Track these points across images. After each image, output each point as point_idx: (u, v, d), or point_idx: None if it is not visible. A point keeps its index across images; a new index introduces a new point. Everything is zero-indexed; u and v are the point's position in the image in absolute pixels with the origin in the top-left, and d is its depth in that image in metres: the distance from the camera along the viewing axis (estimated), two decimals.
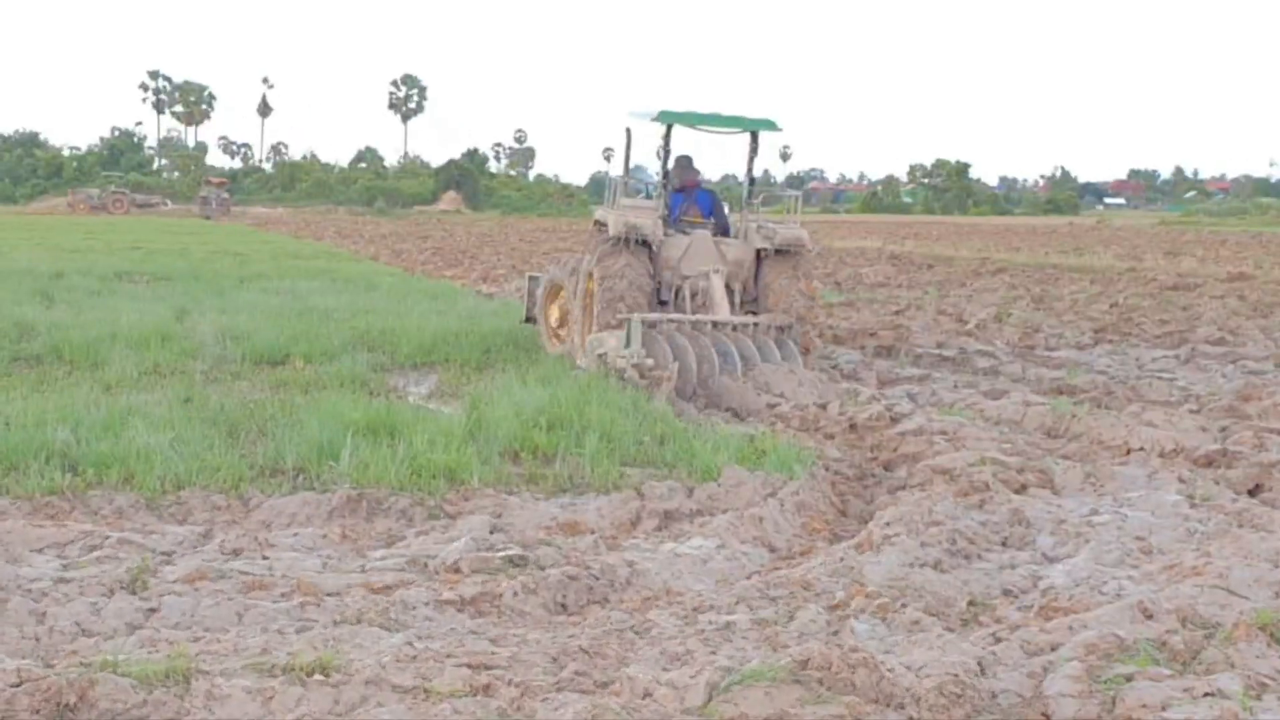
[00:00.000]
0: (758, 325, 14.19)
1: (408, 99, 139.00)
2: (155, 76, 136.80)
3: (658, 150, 15.40)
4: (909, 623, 6.25)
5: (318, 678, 5.19)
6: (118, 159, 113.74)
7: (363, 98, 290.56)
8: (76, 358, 14.07)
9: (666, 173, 15.55)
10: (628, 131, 15.52)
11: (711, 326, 13.87)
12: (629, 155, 15.75)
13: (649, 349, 12.92)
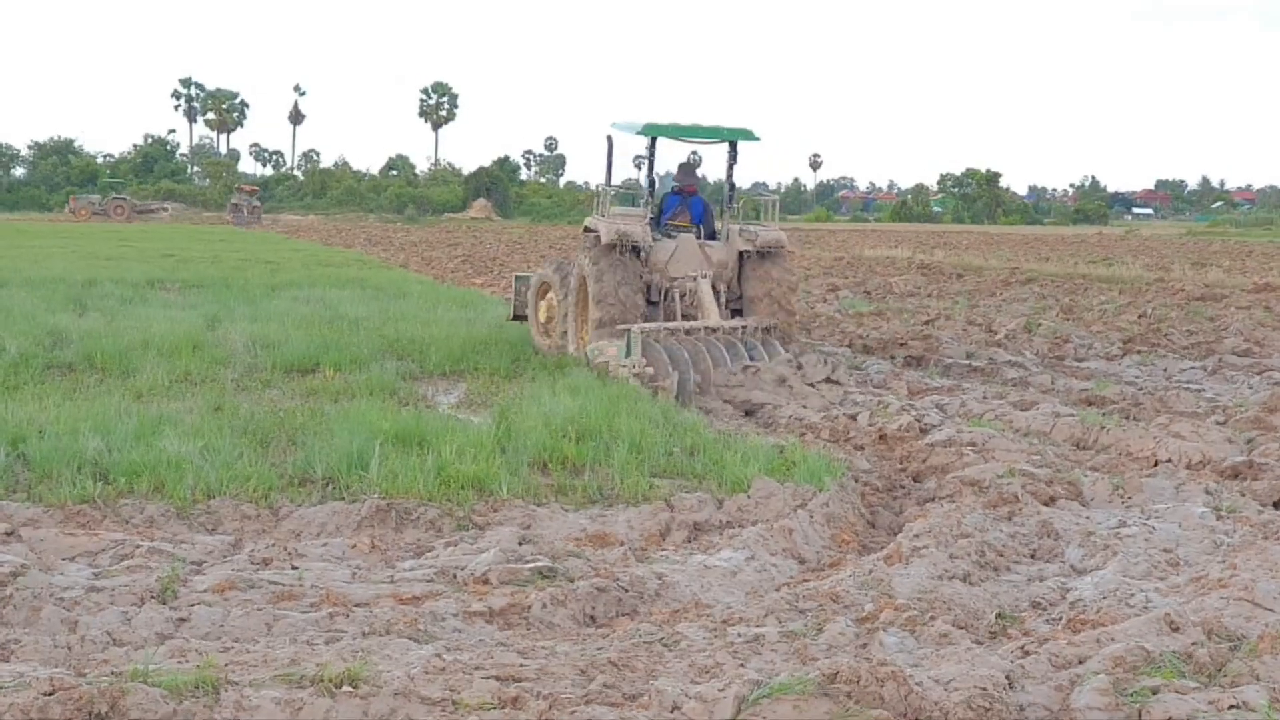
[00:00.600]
0: (745, 328, 15.18)
1: (438, 106, 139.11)
2: (188, 84, 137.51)
3: (636, 160, 16.49)
4: (937, 635, 6.24)
5: (346, 689, 5.21)
6: (151, 166, 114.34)
7: (394, 105, 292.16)
8: (108, 365, 14.15)
9: (652, 182, 16.84)
10: (609, 140, 16.34)
11: (704, 332, 14.69)
12: (611, 165, 16.53)
13: (648, 357, 13.48)
